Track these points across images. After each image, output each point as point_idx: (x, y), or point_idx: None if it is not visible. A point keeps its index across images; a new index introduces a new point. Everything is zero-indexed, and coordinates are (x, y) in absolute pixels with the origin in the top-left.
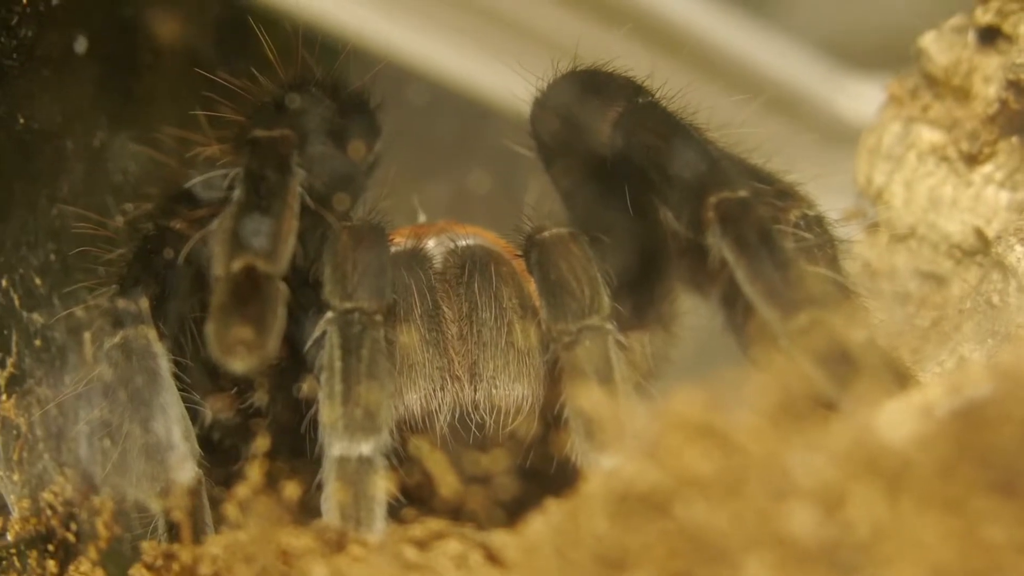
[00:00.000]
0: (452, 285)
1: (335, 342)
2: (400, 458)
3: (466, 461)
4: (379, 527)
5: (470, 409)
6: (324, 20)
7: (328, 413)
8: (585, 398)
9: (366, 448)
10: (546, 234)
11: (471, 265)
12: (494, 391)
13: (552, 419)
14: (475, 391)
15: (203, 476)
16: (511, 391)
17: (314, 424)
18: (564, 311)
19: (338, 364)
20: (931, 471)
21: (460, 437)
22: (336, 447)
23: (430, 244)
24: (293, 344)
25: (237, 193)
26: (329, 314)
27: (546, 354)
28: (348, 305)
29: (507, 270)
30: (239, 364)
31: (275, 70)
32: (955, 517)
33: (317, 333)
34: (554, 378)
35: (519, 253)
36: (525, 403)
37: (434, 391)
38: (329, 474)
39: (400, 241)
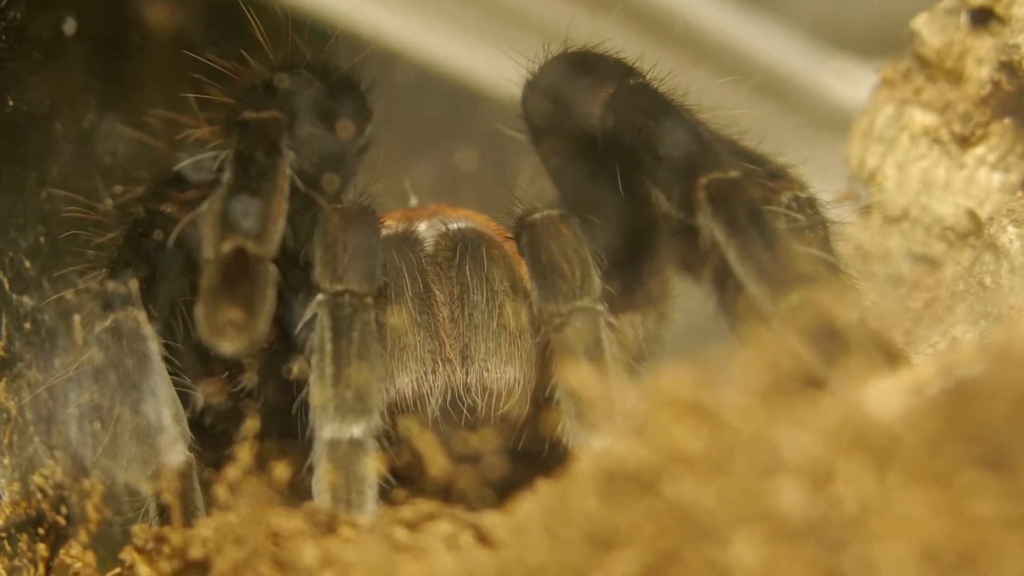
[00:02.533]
0: (443, 268)
1: (325, 324)
2: (391, 440)
3: (457, 443)
4: (370, 509)
5: (461, 392)
6: (313, 2)
7: (319, 395)
8: (576, 379)
9: (357, 430)
10: (537, 216)
11: (462, 248)
12: (485, 373)
13: (543, 400)
14: (466, 374)
15: (194, 459)
16: (503, 373)
17: (305, 406)
18: (555, 293)
19: (328, 346)
20: (920, 447)
21: (451, 419)
22: (327, 429)
23: (421, 227)
24: (283, 326)
25: (227, 175)
26: (319, 296)
27: (537, 336)
28: (339, 287)
29: (498, 253)
30: (229, 346)
31: (265, 52)
32: (943, 492)
33: (308, 315)
34: (545, 360)
35: (510, 236)
36: (516, 385)
37: (425, 374)
38: (320, 456)
39: (391, 224)
